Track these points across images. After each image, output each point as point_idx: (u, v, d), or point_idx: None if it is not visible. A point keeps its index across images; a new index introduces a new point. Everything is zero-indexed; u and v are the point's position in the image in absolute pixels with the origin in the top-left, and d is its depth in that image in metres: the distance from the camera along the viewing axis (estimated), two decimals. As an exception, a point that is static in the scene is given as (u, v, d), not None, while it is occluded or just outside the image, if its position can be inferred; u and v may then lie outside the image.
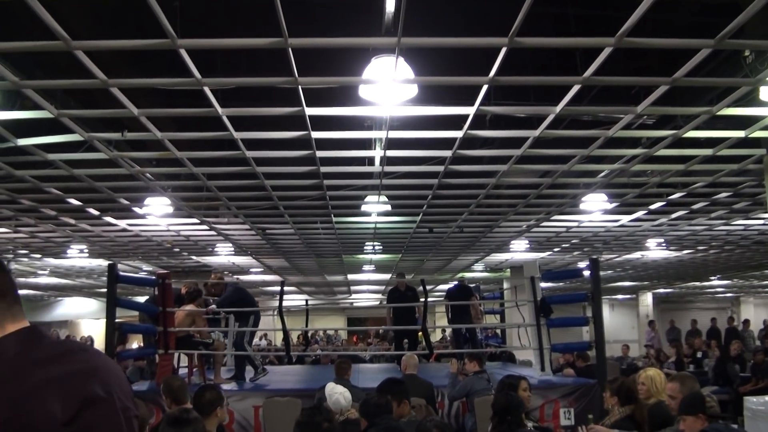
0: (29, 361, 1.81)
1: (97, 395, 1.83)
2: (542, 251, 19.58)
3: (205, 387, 5.91)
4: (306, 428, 4.61)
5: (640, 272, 26.00)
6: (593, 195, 11.56)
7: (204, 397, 5.55)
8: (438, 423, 5.07)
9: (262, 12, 5.23)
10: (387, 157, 8.86)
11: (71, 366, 1.85)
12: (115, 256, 18.75)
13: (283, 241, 16.99)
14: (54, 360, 1.84)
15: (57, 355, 1.86)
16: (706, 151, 8.71)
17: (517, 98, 7.99)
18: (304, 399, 8.84)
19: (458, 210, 12.84)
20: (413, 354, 9.99)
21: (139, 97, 7.13)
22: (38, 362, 1.81)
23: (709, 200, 12.05)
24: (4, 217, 13.18)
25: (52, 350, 1.88)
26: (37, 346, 1.88)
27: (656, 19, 6.20)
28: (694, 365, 17.21)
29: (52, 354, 1.86)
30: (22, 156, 8.57)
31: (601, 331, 10.06)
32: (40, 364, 1.81)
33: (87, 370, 1.87)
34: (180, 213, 12.82)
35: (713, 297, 39.60)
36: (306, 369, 16.34)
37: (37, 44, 5.47)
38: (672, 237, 16.98)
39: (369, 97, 6.81)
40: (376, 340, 28.93)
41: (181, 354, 11.46)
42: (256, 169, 9.24)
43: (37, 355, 1.83)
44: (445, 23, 6.40)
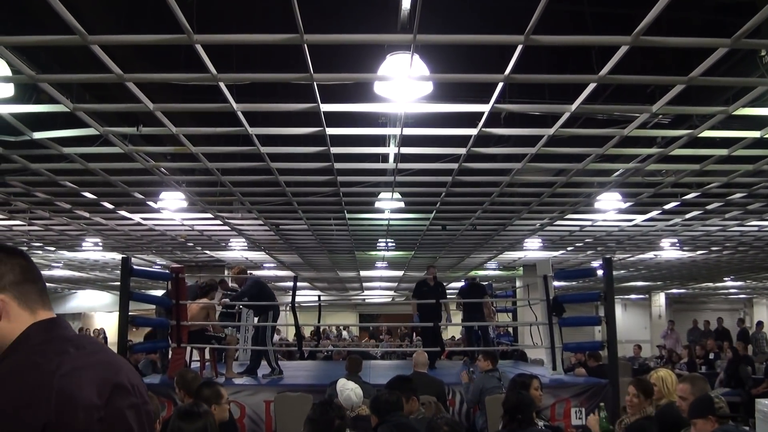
0: (58, 348, 1.86)
1: (124, 385, 1.90)
2: (555, 250, 19.53)
3: (204, 383, 5.92)
4: (317, 424, 4.62)
5: (654, 272, 25.90)
6: (607, 194, 11.53)
7: (202, 393, 5.57)
8: (448, 420, 5.07)
9: (277, 8, 5.24)
10: (401, 154, 8.86)
11: (99, 357, 1.93)
12: (128, 249, 18.82)
13: (296, 237, 17.01)
14: (81, 349, 1.90)
15: (84, 346, 1.92)
16: (722, 151, 8.67)
17: (532, 96, 7.97)
18: (316, 394, 8.86)
19: (472, 207, 12.82)
20: (423, 351, 9.98)
21: (155, 92, 7.15)
22: (67, 351, 1.86)
23: (724, 201, 11.99)
24: (19, 210, 13.24)
25: (79, 341, 1.94)
26: (64, 336, 1.95)
27: (673, 18, 6.17)
28: (706, 366, 17.16)
29: (78, 344, 1.92)
30: (37, 149, 8.61)
31: (614, 330, 10.03)
32: (69, 352, 1.86)
33: (114, 362, 1.96)
34: (194, 208, 12.85)
35: (726, 298, 39.41)
36: (317, 364, 16.36)
37: (54, 38, 5.49)
38: (686, 237, 16.90)
39: (384, 94, 6.81)
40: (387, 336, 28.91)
41: (194, 348, 11.50)
42: (270, 164, 9.26)
43: (65, 345, 1.89)
44: (460, 20, 6.38)
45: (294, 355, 17.63)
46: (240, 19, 7.08)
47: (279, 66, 6.53)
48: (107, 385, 1.84)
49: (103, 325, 32.35)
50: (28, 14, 6.16)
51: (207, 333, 11.08)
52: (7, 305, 1.95)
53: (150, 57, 7.35)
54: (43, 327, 1.96)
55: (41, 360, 1.79)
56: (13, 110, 7.25)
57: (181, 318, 10.63)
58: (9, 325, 1.93)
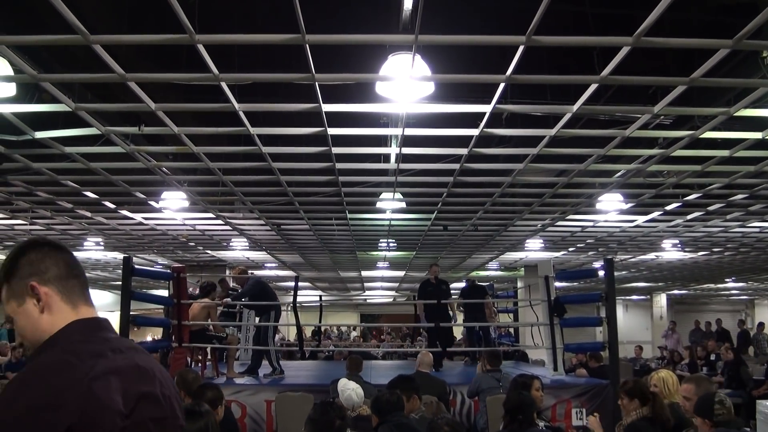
0: (95, 350, 1.87)
1: (154, 395, 1.90)
2: (557, 251, 19.54)
3: (206, 385, 5.94)
4: (318, 425, 4.62)
5: (655, 273, 25.90)
6: (609, 195, 11.53)
7: (206, 395, 5.58)
8: (449, 421, 5.07)
9: (279, 8, 5.24)
10: (402, 155, 8.86)
11: (134, 362, 1.92)
12: (130, 249, 18.83)
13: (297, 237, 17.02)
14: (118, 353, 1.90)
15: (121, 349, 1.93)
16: (723, 152, 8.67)
17: (534, 97, 7.98)
18: (317, 394, 8.86)
19: (473, 208, 12.82)
20: (427, 351, 9.97)
21: (157, 91, 7.16)
22: (104, 353, 1.86)
23: (725, 202, 11.98)
24: (20, 209, 13.25)
25: (117, 344, 1.94)
26: (104, 337, 1.96)
27: (674, 19, 6.18)
28: (707, 367, 17.13)
29: (116, 347, 1.92)
30: (39, 149, 8.62)
31: (615, 331, 10.02)
32: (106, 355, 1.86)
33: (149, 369, 1.95)
34: (195, 207, 12.86)
35: (727, 299, 39.39)
36: (318, 364, 16.35)
37: (56, 38, 5.50)
38: (687, 238, 16.90)
39: (385, 94, 6.82)
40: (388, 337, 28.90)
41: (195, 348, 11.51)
42: (272, 164, 9.27)
43: (103, 347, 1.89)
44: (462, 21, 6.39)
45: (294, 355, 17.62)
46: (242, 19, 7.09)
47: (281, 66, 6.54)
48: (135, 393, 1.84)
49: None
50: (31, 14, 6.17)
51: (208, 333, 11.08)
52: (50, 299, 1.97)
53: (152, 57, 7.37)
54: (83, 325, 1.97)
55: (76, 360, 1.79)
56: (15, 109, 7.26)
57: (182, 318, 10.62)
58: (51, 319, 1.95)
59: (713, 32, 5.64)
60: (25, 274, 1.98)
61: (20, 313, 1.97)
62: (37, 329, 1.95)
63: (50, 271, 2.00)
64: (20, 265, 1.99)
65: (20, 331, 1.98)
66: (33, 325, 1.96)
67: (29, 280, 1.97)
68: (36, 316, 1.96)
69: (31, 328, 1.96)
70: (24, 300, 1.96)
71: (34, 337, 1.96)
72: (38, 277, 1.98)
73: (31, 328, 1.96)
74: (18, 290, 1.97)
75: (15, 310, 1.98)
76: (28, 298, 1.96)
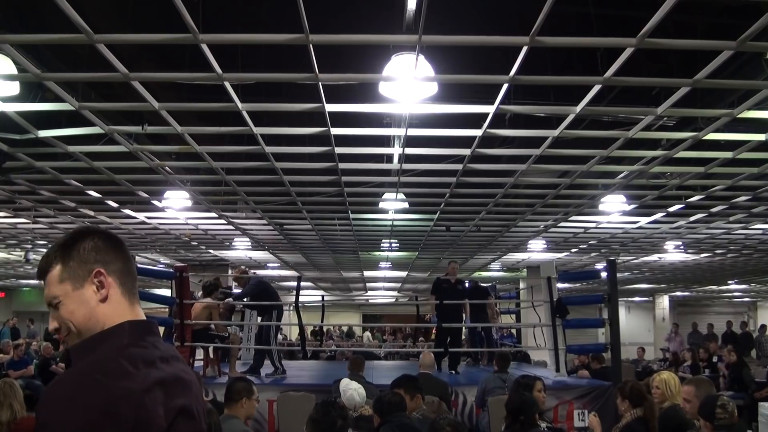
0: (148, 358, 1.85)
1: (191, 411, 1.89)
2: (559, 252, 19.53)
3: (237, 378, 6.09)
4: (320, 425, 4.62)
5: (657, 275, 25.87)
6: (612, 196, 11.53)
7: (232, 386, 5.78)
8: (451, 421, 5.06)
9: (283, 8, 5.24)
10: (405, 155, 8.86)
11: (177, 373, 1.90)
12: (133, 248, 18.82)
13: (300, 237, 17.03)
14: (166, 362, 1.89)
15: (165, 358, 1.91)
16: (726, 154, 8.65)
17: (537, 97, 7.96)
18: (319, 394, 8.87)
19: (476, 209, 12.82)
20: (429, 352, 9.97)
21: (160, 91, 7.16)
22: (155, 363, 1.85)
23: (728, 203, 11.97)
24: (23, 208, 13.27)
25: (164, 352, 1.93)
26: (154, 344, 1.93)
27: (678, 20, 6.16)
28: (710, 369, 17.11)
29: (163, 356, 1.91)
30: (42, 147, 8.63)
31: (617, 333, 10.03)
32: (156, 365, 1.84)
33: (188, 382, 1.94)
34: (198, 207, 12.88)
35: (730, 301, 39.36)
36: (321, 364, 16.36)
37: (60, 37, 5.51)
38: (690, 240, 16.88)
39: (389, 95, 6.82)
40: (391, 337, 28.88)
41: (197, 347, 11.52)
42: (274, 164, 9.27)
43: (154, 356, 1.87)
44: (465, 21, 6.38)
45: (296, 354, 17.63)
46: (245, 18, 7.09)
47: (284, 66, 6.54)
48: (174, 407, 1.82)
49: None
50: (35, 13, 6.17)
51: (210, 332, 11.09)
52: (112, 290, 1.95)
53: (155, 56, 7.37)
54: (135, 327, 1.94)
55: (131, 368, 1.77)
56: (18, 108, 7.27)
57: (185, 317, 10.63)
58: (108, 310, 1.92)
59: (717, 34, 5.65)
60: (90, 258, 1.94)
61: (74, 297, 1.91)
62: (91, 318, 1.91)
63: (115, 263, 1.98)
64: (83, 248, 1.95)
65: (67, 316, 1.91)
66: (88, 313, 1.91)
67: (95, 266, 1.94)
68: (93, 304, 1.92)
69: (85, 315, 1.91)
70: (83, 285, 1.92)
71: (86, 326, 1.91)
72: (104, 266, 1.95)
73: (84, 315, 1.91)
74: (79, 273, 1.93)
75: (68, 292, 1.92)
76: (88, 284, 1.92)
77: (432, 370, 9.45)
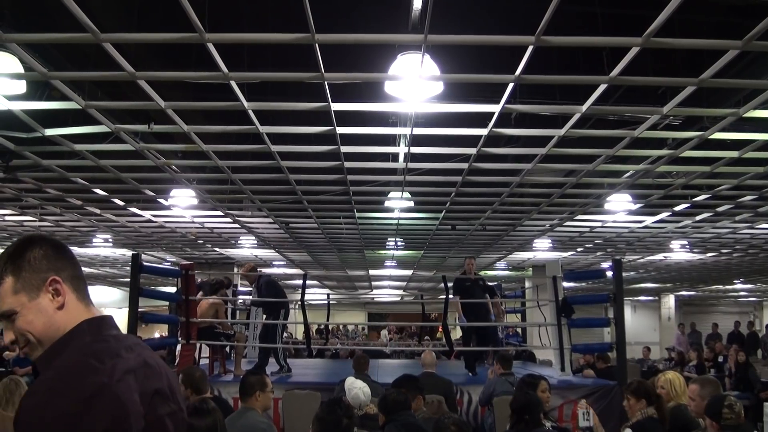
0: (112, 350, 1.87)
1: (165, 392, 1.92)
2: (565, 251, 19.50)
3: (251, 371, 6.14)
4: (325, 423, 4.62)
5: (663, 274, 25.84)
6: (617, 195, 11.51)
7: (246, 380, 5.85)
8: (456, 420, 5.07)
9: (289, 7, 5.25)
10: (411, 154, 8.87)
11: (144, 359, 1.93)
12: (139, 246, 18.88)
13: (305, 235, 17.05)
14: (130, 351, 1.91)
15: (131, 347, 1.93)
16: (732, 153, 8.64)
17: (543, 96, 7.96)
18: (324, 392, 8.88)
19: (481, 208, 12.82)
20: (430, 351, 9.95)
21: (166, 89, 7.18)
22: (119, 353, 1.87)
23: (734, 203, 11.96)
24: (30, 206, 13.31)
25: (127, 342, 1.95)
26: (116, 336, 1.97)
27: (684, 20, 6.15)
28: (715, 369, 17.09)
29: (127, 345, 1.93)
30: (49, 146, 8.66)
31: (623, 332, 10.01)
32: (121, 355, 1.86)
33: (157, 365, 1.97)
34: (204, 205, 12.90)
35: (736, 301, 39.26)
36: (325, 363, 16.37)
37: (67, 36, 5.53)
38: (696, 239, 16.86)
39: (394, 94, 6.82)
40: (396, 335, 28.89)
41: (203, 345, 11.53)
42: (280, 163, 9.29)
43: (118, 347, 1.90)
44: (471, 20, 6.38)
45: (301, 353, 17.64)
46: (252, 17, 7.10)
47: (290, 65, 6.55)
48: (150, 391, 1.85)
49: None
50: (41, 12, 6.19)
51: (216, 330, 11.10)
52: (68, 296, 1.96)
53: (162, 55, 7.39)
54: (95, 324, 1.97)
55: (96, 363, 1.78)
56: (25, 107, 7.30)
57: (190, 315, 10.65)
58: (66, 316, 1.94)
59: (723, 33, 5.63)
60: (42, 267, 1.95)
61: (31, 307, 1.92)
62: (51, 326, 1.92)
63: (67, 270, 2.00)
64: (33, 257, 1.95)
65: (25, 326, 1.92)
66: (47, 321, 1.92)
67: (49, 274, 1.94)
68: (51, 312, 1.93)
69: (44, 324, 1.92)
70: (38, 294, 1.93)
71: (46, 335, 1.92)
72: (57, 273, 1.96)
73: (44, 324, 1.92)
74: (33, 283, 1.93)
75: (24, 303, 1.92)
76: (44, 293, 1.93)
77: (434, 368, 9.42)
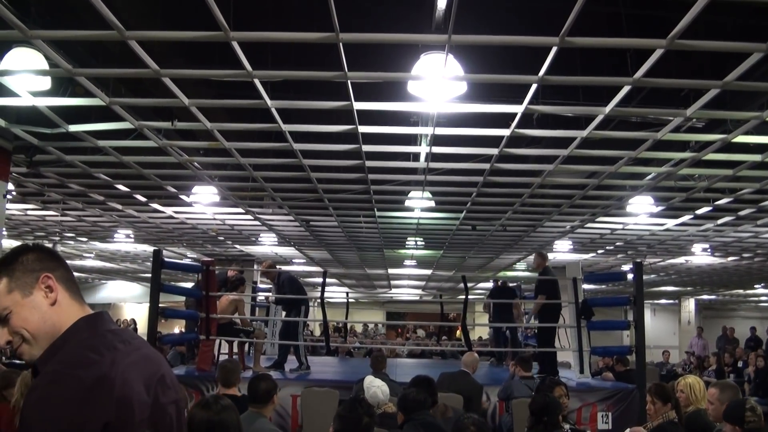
0: (108, 343, 1.91)
1: (166, 381, 1.96)
2: (585, 252, 19.42)
3: (261, 377, 6.00)
4: (346, 421, 4.64)
5: (684, 278, 25.66)
6: (639, 197, 11.47)
7: (260, 386, 5.64)
8: (475, 420, 5.06)
9: (313, 6, 5.27)
10: (432, 153, 8.87)
11: (143, 351, 1.98)
12: (160, 242, 19.00)
13: (326, 234, 17.07)
14: (127, 344, 1.95)
15: (128, 341, 1.97)
16: (755, 157, 8.59)
17: (566, 97, 7.93)
18: (342, 390, 8.91)
19: (502, 208, 12.80)
20: (472, 352, 9.95)
21: (190, 87, 7.22)
22: (115, 346, 1.91)
23: (757, 207, 11.87)
24: (52, 201, 13.42)
25: (123, 336, 1.99)
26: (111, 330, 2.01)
27: (708, 21, 6.12)
28: (735, 374, 16.99)
29: (124, 339, 1.97)
30: (72, 141, 8.73)
31: (642, 335, 9.96)
32: (118, 348, 1.91)
33: (155, 357, 2.02)
34: (226, 202, 12.95)
35: (756, 305, 38.93)
36: (344, 361, 16.40)
37: (92, 33, 5.57)
38: (717, 243, 16.75)
39: (417, 93, 6.82)
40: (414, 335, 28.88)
41: (222, 341, 11.59)
42: (302, 161, 9.31)
43: (114, 340, 1.94)
44: (495, 21, 6.37)
45: (319, 350, 17.67)
46: (275, 16, 7.12)
47: (313, 63, 6.57)
48: (152, 381, 1.89)
49: (132, 316, 32.60)
50: (67, 9, 6.24)
51: (236, 326, 11.15)
52: (61, 294, 2.02)
53: (186, 53, 7.42)
54: (91, 320, 2.01)
55: (95, 356, 1.83)
56: (49, 103, 7.36)
57: (210, 311, 10.70)
58: (61, 312, 2.00)
59: (747, 35, 5.60)
60: (35, 267, 2.02)
61: (25, 304, 1.98)
62: (45, 321, 1.98)
63: (59, 270, 2.07)
64: (25, 260, 2.03)
65: (20, 323, 1.98)
66: (41, 318, 1.98)
67: (42, 272, 2.01)
68: (45, 308, 1.99)
69: (39, 320, 1.98)
70: (31, 292, 1.99)
71: (42, 330, 1.98)
72: (50, 271, 2.03)
73: (38, 320, 1.98)
74: (26, 281, 2.00)
75: (18, 301, 1.98)
76: (37, 290, 2.00)
77: (472, 369, 9.42)
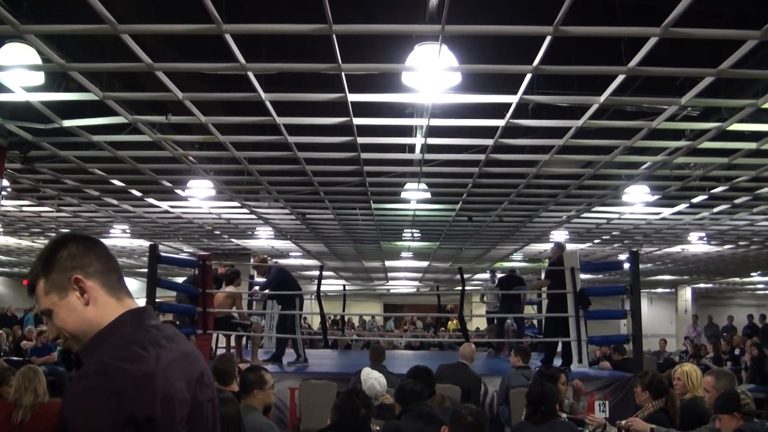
0: (153, 339, 1.91)
1: (204, 380, 1.97)
2: (582, 242, 19.44)
3: (250, 368, 5.99)
4: (344, 412, 4.64)
5: (680, 266, 25.71)
6: (635, 187, 11.47)
7: (246, 377, 5.66)
8: (473, 411, 5.06)
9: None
10: (428, 145, 8.86)
11: (184, 349, 1.98)
12: (156, 237, 18.98)
13: (322, 226, 17.07)
14: (171, 341, 1.95)
15: (171, 337, 1.97)
16: (750, 145, 8.59)
17: (561, 87, 7.91)
18: (340, 382, 8.91)
19: (498, 199, 12.80)
20: (469, 343, 9.95)
21: (184, 81, 7.20)
22: (160, 342, 1.91)
23: (752, 195, 11.88)
24: (47, 197, 13.39)
25: (167, 332, 1.99)
26: (156, 326, 2.00)
27: (702, 9, 6.11)
28: (732, 362, 17.01)
29: (167, 335, 1.97)
30: (66, 137, 8.71)
31: (639, 324, 9.97)
32: (162, 344, 1.90)
33: (195, 355, 2.02)
34: (221, 196, 12.94)
35: (753, 293, 38.99)
36: (342, 353, 16.40)
37: (85, 27, 5.56)
38: (713, 231, 16.77)
39: (411, 85, 6.81)
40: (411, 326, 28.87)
41: (220, 335, 11.58)
42: (297, 154, 9.30)
43: (158, 336, 1.94)
44: (489, 11, 6.35)
45: (317, 343, 17.68)
46: (268, 8, 7.10)
47: (307, 56, 6.55)
48: (192, 379, 1.90)
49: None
50: (59, 3, 6.22)
51: (233, 320, 11.15)
52: (95, 292, 2.00)
53: (179, 46, 7.40)
54: (136, 315, 2.00)
55: (141, 351, 1.82)
56: (43, 98, 7.34)
57: (207, 305, 10.69)
58: (97, 311, 1.98)
59: (741, 23, 5.60)
60: (67, 267, 2.00)
61: (62, 305, 1.98)
62: (82, 322, 1.97)
63: (93, 265, 2.03)
64: (60, 258, 2.01)
65: (60, 324, 1.99)
66: (78, 318, 1.97)
67: (73, 273, 1.99)
68: (80, 309, 1.97)
69: (76, 320, 1.97)
70: (66, 293, 1.98)
71: (79, 329, 1.97)
72: (82, 271, 2.00)
73: (75, 320, 1.97)
74: (60, 283, 1.98)
75: (55, 302, 1.98)
76: (71, 292, 1.98)
77: (470, 360, 9.42)
